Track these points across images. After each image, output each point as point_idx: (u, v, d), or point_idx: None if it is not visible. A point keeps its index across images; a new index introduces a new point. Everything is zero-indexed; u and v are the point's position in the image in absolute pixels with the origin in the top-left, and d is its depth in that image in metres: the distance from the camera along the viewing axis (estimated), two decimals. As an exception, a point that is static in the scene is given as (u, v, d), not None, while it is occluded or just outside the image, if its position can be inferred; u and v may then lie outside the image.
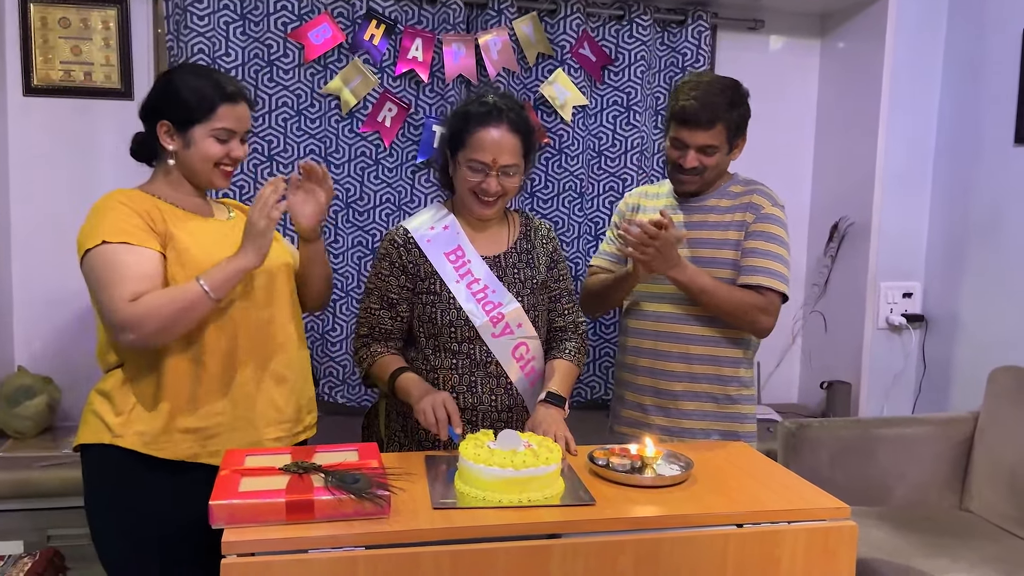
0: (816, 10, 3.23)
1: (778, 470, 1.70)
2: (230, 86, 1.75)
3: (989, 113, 2.87)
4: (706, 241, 2.13)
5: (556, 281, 2.05)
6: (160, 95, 1.73)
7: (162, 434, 1.67)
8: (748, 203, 2.11)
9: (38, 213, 2.70)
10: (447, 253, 1.93)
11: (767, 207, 2.11)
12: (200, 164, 1.73)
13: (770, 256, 2.07)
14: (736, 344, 2.12)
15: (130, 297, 1.56)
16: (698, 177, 2.10)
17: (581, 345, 2.05)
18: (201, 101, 1.70)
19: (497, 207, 1.93)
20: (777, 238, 2.10)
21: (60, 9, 2.65)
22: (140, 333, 1.56)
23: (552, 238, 2.08)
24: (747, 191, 2.15)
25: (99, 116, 2.71)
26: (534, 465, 1.46)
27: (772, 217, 2.11)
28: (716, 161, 2.09)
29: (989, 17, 2.88)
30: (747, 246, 2.09)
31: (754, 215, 2.10)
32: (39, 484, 2.30)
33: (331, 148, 2.82)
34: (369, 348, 1.95)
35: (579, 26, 2.94)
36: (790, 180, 3.36)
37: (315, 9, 2.76)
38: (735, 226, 2.11)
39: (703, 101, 2.02)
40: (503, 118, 1.86)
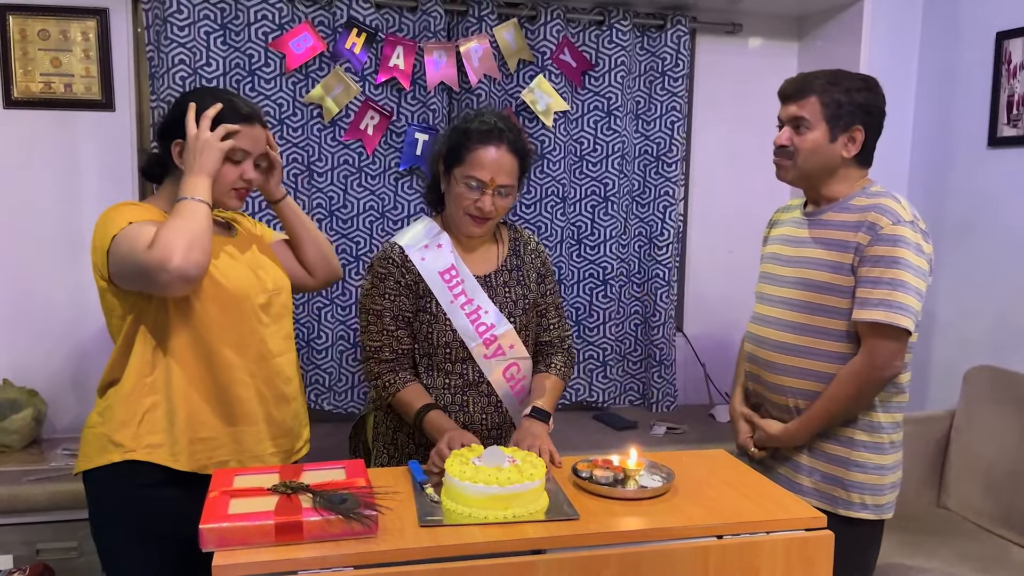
0: (793, 13, 3.27)
1: (757, 479, 1.74)
2: (245, 108, 1.74)
3: (963, 116, 2.91)
4: (821, 263, 1.90)
5: (544, 296, 2.05)
6: (175, 115, 1.72)
7: (174, 444, 1.69)
8: (864, 222, 1.84)
9: (20, 225, 2.69)
10: (441, 272, 1.92)
11: (886, 226, 1.81)
12: (213, 185, 1.71)
13: (890, 285, 1.79)
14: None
15: (149, 245, 1.57)
16: (789, 162, 1.93)
17: (568, 359, 2.06)
18: (215, 122, 1.69)
19: (488, 227, 1.92)
20: (900, 262, 1.79)
21: (39, 21, 2.64)
22: (172, 265, 1.53)
23: (540, 252, 2.08)
24: (869, 206, 1.86)
25: (80, 128, 2.71)
26: (519, 481, 1.49)
27: (892, 238, 1.80)
28: (811, 144, 1.89)
29: (964, 21, 2.92)
30: (862, 274, 1.83)
31: (870, 236, 1.82)
32: (28, 498, 2.31)
33: (314, 156, 2.83)
34: (396, 375, 1.90)
35: (559, 32, 2.96)
36: (769, 182, 3.39)
37: (296, 18, 2.77)
38: (850, 248, 1.85)
39: (801, 76, 1.92)
40: (503, 138, 1.87)
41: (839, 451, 1.92)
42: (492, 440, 1.91)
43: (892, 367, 1.83)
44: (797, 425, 1.93)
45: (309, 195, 2.84)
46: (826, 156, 1.90)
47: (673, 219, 3.15)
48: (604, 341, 3.17)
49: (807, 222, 1.98)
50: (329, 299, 2.89)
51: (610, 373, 3.21)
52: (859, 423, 1.90)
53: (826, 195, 1.95)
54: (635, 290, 3.22)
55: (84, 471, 1.73)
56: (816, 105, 1.88)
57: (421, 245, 1.94)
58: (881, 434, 1.90)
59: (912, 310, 1.79)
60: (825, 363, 1.89)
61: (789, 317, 1.95)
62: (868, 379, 1.84)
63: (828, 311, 1.88)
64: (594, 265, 3.13)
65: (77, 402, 2.75)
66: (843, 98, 1.87)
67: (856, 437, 1.90)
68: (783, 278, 1.99)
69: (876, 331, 1.81)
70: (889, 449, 1.92)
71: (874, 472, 1.90)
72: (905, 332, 1.81)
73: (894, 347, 1.82)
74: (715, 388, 3.38)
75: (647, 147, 3.16)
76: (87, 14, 2.67)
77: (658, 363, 3.20)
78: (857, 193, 1.91)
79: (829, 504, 1.91)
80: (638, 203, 3.18)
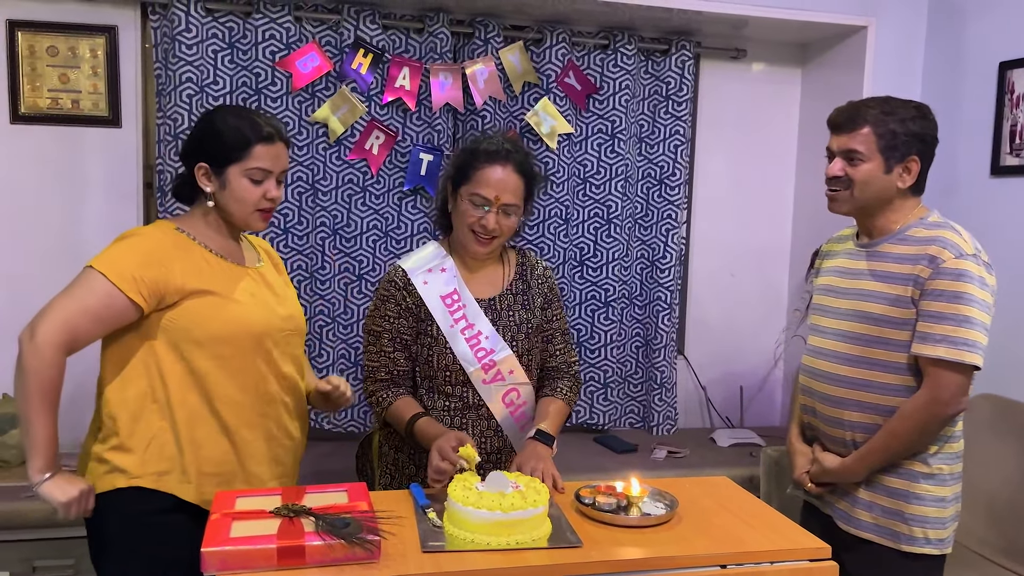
0: (796, 40, 3.29)
1: (762, 508, 1.73)
2: (267, 127, 1.73)
3: (966, 145, 2.93)
4: (878, 295, 1.86)
5: (550, 321, 2.04)
6: (199, 136, 1.73)
7: (184, 473, 1.68)
8: (925, 254, 1.80)
9: (25, 240, 2.70)
10: (443, 296, 1.93)
11: (948, 259, 1.77)
12: (235, 206, 1.72)
13: (952, 320, 1.75)
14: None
15: (57, 336, 1.61)
16: (847, 192, 1.88)
17: (574, 385, 2.05)
18: (236, 141, 1.69)
19: (492, 246, 1.93)
20: (964, 297, 1.75)
21: (48, 37, 2.65)
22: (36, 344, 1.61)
23: (548, 277, 2.06)
24: (929, 238, 1.82)
25: (86, 143, 2.72)
26: (522, 507, 1.48)
27: (955, 272, 1.76)
28: (865, 175, 1.85)
29: (967, 50, 2.94)
30: (923, 308, 1.79)
31: (931, 270, 1.78)
32: (25, 515, 2.30)
33: (319, 175, 2.84)
34: (388, 391, 1.93)
35: (564, 55, 2.98)
36: (773, 207, 3.42)
37: (303, 38, 2.78)
38: (909, 281, 1.81)
39: (851, 106, 1.87)
40: (510, 158, 1.89)
41: (898, 484, 1.88)
42: (491, 465, 1.91)
43: (958, 403, 1.80)
44: (855, 459, 1.90)
45: (313, 214, 2.84)
46: (881, 187, 1.86)
47: (675, 242, 3.16)
48: (605, 363, 3.17)
49: (862, 254, 1.94)
50: (331, 318, 2.89)
51: (611, 395, 3.20)
52: (917, 455, 1.87)
53: (880, 225, 1.92)
54: (637, 313, 3.22)
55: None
56: (870, 136, 1.83)
57: (425, 269, 1.95)
58: (941, 465, 1.88)
59: (979, 345, 1.76)
60: (884, 396, 1.86)
61: (845, 350, 1.92)
62: (933, 414, 1.80)
63: (886, 343, 1.86)
64: (596, 287, 3.14)
65: (76, 417, 2.72)
66: (898, 128, 1.83)
67: (915, 469, 1.87)
68: (838, 310, 1.96)
69: (940, 367, 1.77)
70: (949, 480, 1.89)
71: (934, 505, 1.86)
72: (971, 368, 1.78)
73: (959, 383, 1.78)
74: (716, 412, 3.37)
75: (650, 170, 3.17)
76: (97, 31, 2.68)
77: (659, 386, 3.19)
78: (914, 224, 1.88)
79: (891, 539, 1.88)
80: (641, 226, 3.19)
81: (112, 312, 1.64)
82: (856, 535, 1.91)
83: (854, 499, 1.93)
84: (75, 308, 1.62)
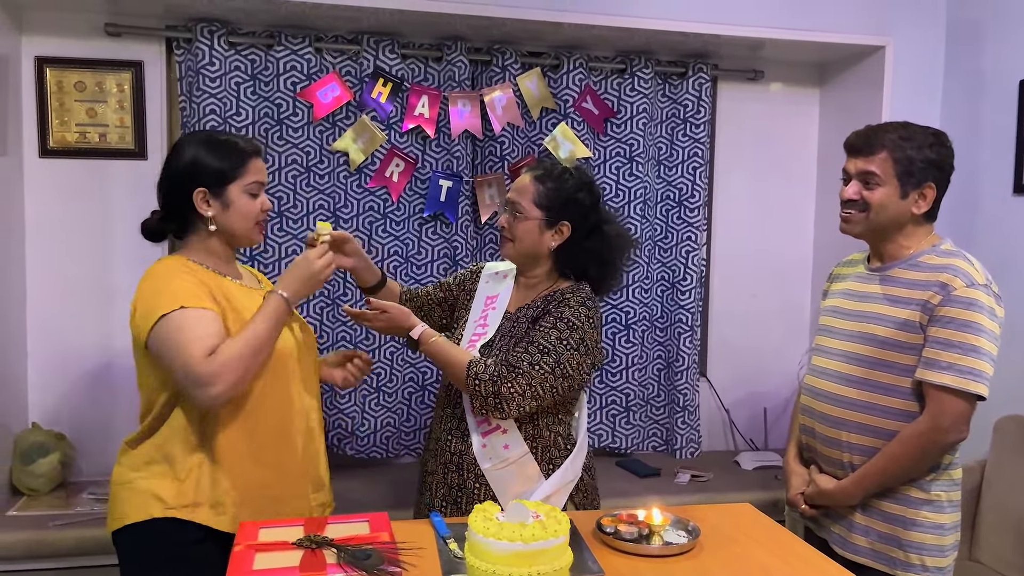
0: (814, 60, 3.29)
1: (786, 536, 1.72)
2: (249, 142, 1.80)
3: (988, 163, 2.90)
4: (887, 319, 1.87)
5: (534, 331, 1.88)
6: (189, 163, 1.73)
7: (218, 504, 1.69)
8: (937, 281, 1.80)
9: (53, 271, 2.75)
10: (488, 297, 2.04)
11: (959, 288, 1.77)
12: (240, 222, 1.76)
13: (960, 348, 1.76)
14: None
15: (207, 352, 1.59)
16: (861, 215, 1.88)
17: (496, 372, 1.82)
18: (233, 159, 1.73)
19: (510, 249, 1.97)
20: (972, 326, 1.76)
21: (76, 73, 2.72)
22: (223, 385, 1.58)
23: (571, 305, 1.90)
24: (941, 265, 1.83)
25: (113, 176, 2.77)
26: (543, 538, 1.47)
27: (965, 300, 1.77)
28: (881, 199, 1.85)
29: (986, 68, 2.92)
30: (931, 334, 1.79)
31: (941, 296, 1.78)
32: (54, 543, 2.32)
33: (340, 203, 2.87)
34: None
35: (582, 80, 3.00)
36: (793, 227, 3.41)
37: (323, 69, 2.83)
38: (918, 305, 1.81)
39: (869, 129, 1.89)
40: (535, 167, 2.00)
41: (895, 509, 1.87)
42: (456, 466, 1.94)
43: (959, 431, 1.79)
44: (851, 482, 1.89)
45: (335, 241, 2.88)
46: (896, 212, 1.86)
47: (696, 264, 3.16)
48: (627, 387, 3.16)
49: (873, 277, 1.95)
50: (352, 343, 2.91)
51: (633, 419, 3.19)
52: (915, 481, 1.86)
53: (892, 250, 1.92)
54: (658, 335, 3.21)
55: (115, 529, 1.72)
56: (887, 161, 1.84)
57: (495, 272, 2.12)
58: (939, 491, 1.86)
59: (985, 376, 1.76)
60: (884, 419, 1.86)
61: (848, 371, 1.92)
62: (933, 441, 1.80)
63: (891, 367, 1.85)
64: (617, 310, 3.14)
65: (104, 446, 2.77)
66: (915, 154, 1.83)
67: (913, 495, 1.86)
68: (844, 331, 1.97)
69: (944, 394, 1.77)
70: (947, 508, 1.88)
71: (932, 531, 1.85)
72: (975, 397, 1.78)
73: (962, 411, 1.78)
74: (740, 434, 3.35)
75: (669, 192, 3.17)
76: (123, 66, 2.74)
77: (681, 409, 3.18)
78: (927, 250, 1.88)
79: (887, 565, 1.86)
80: (661, 248, 3.19)
81: (218, 325, 1.66)
82: (852, 560, 1.90)
83: (850, 523, 1.92)
84: (198, 346, 1.60)
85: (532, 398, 1.83)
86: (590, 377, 2.02)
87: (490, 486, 1.91)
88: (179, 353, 1.59)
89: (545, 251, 1.95)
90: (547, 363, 1.83)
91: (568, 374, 1.86)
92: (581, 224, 1.94)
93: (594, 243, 1.96)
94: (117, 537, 1.73)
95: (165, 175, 1.78)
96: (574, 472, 1.95)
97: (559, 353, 1.84)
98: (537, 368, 1.82)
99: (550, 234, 1.94)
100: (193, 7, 2.63)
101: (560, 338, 1.86)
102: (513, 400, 1.81)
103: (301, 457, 1.80)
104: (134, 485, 1.71)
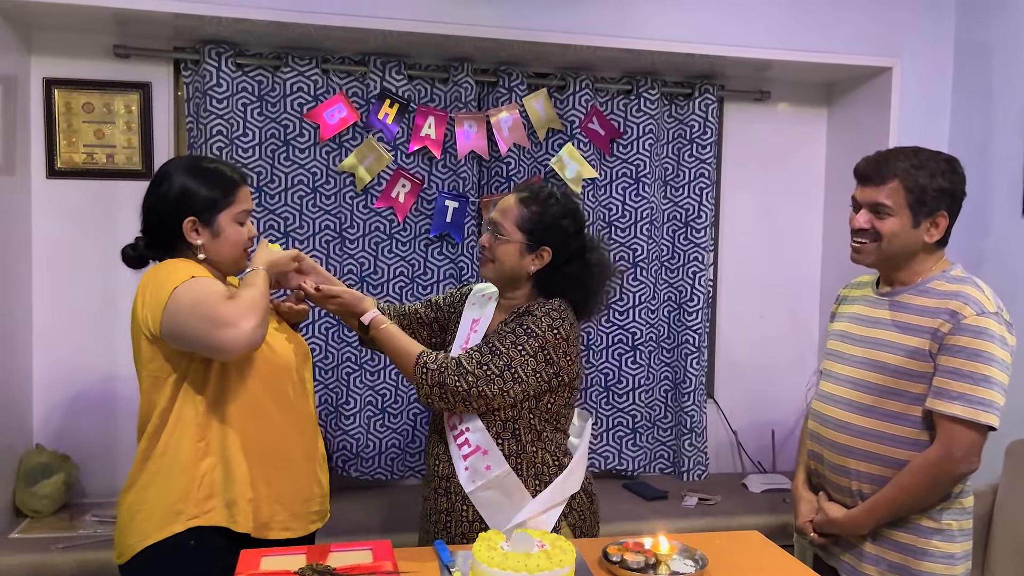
0: (821, 80, 3.29)
1: (795, 566, 1.69)
2: (236, 170, 1.81)
3: (996, 185, 2.89)
4: (896, 346, 1.83)
5: (491, 336, 1.90)
6: (178, 194, 1.71)
7: (233, 505, 1.69)
8: (946, 308, 1.77)
9: (59, 291, 2.75)
10: (473, 320, 2.03)
11: (969, 316, 1.74)
12: (229, 250, 1.75)
13: (971, 379, 1.73)
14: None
15: (226, 297, 1.61)
16: (873, 245, 1.85)
17: (444, 363, 1.84)
18: (223, 187, 1.73)
19: (489, 269, 1.96)
20: (982, 355, 1.73)
21: (84, 95, 2.73)
22: (252, 319, 1.57)
23: (535, 315, 1.88)
24: (952, 292, 1.80)
25: (120, 197, 2.77)
26: (548, 568, 1.45)
27: (975, 329, 1.74)
28: (893, 229, 1.81)
29: (994, 87, 2.91)
30: (941, 363, 1.76)
31: (951, 324, 1.75)
32: (57, 567, 2.31)
33: (346, 224, 2.87)
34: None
35: (588, 101, 3.00)
36: (801, 247, 3.39)
37: (330, 90, 2.83)
38: (928, 333, 1.78)
39: (879, 156, 1.85)
40: (523, 190, 1.98)
41: (905, 538, 1.84)
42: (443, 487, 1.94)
43: (970, 462, 1.77)
44: (861, 511, 1.86)
45: (341, 261, 2.87)
46: (908, 241, 1.83)
47: (703, 284, 3.14)
48: (634, 408, 3.14)
49: (882, 302, 1.92)
50: (358, 364, 2.90)
51: (640, 441, 3.17)
52: (925, 510, 1.83)
53: (902, 277, 1.89)
54: (665, 356, 3.19)
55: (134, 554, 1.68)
56: (899, 191, 1.80)
57: (482, 294, 2.10)
58: (950, 521, 1.84)
59: (996, 406, 1.74)
60: (892, 447, 1.83)
61: (857, 398, 1.90)
62: (945, 471, 1.77)
63: (901, 395, 1.83)
64: (623, 331, 3.12)
65: (109, 467, 2.76)
66: (928, 183, 1.80)
67: (924, 524, 1.83)
68: (852, 357, 1.94)
69: (955, 424, 1.75)
70: (959, 537, 1.85)
71: (943, 561, 1.82)
72: (986, 428, 1.75)
73: (973, 441, 1.76)
74: (748, 456, 3.32)
75: (676, 213, 3.16)
76: (131, 88, 2.76)
77: (689, 431, 3.15)
78: (936, 276, 1.85)
79: None
80: (667, 268, 3.18)
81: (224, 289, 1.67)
82: None
83: (860, 552, 1.90)
84: (216, 296, 1.61)
85: (479, 397, 1.82)
86: (563, 390, 1.93)
87: (477, 510, 1.88)
88: (200, 308, 1.58)
89: (524, 274, 1.94)
90: (496, 364, 1.83)
91: (520, 378, 1.83)
92: (562, 250, 1.93)
93: (574, 269, 1.94)
94: (131, 564, 1.69)
95: (153, 203, 1.75)
96: (564, 492, 1.92)
97: (511, 357, 1.84)
98: (484, 368, 1.83)
99: (530, 258, 1.92)
100: (201, 29, 2.65)
101: (515, 343, 1.85)
102: (457, 394, 1.82)
103: (304, 459, 1.82)
104: (152, 504, 1.67)
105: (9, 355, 2.58)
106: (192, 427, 1.69)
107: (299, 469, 1.80)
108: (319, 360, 2.85)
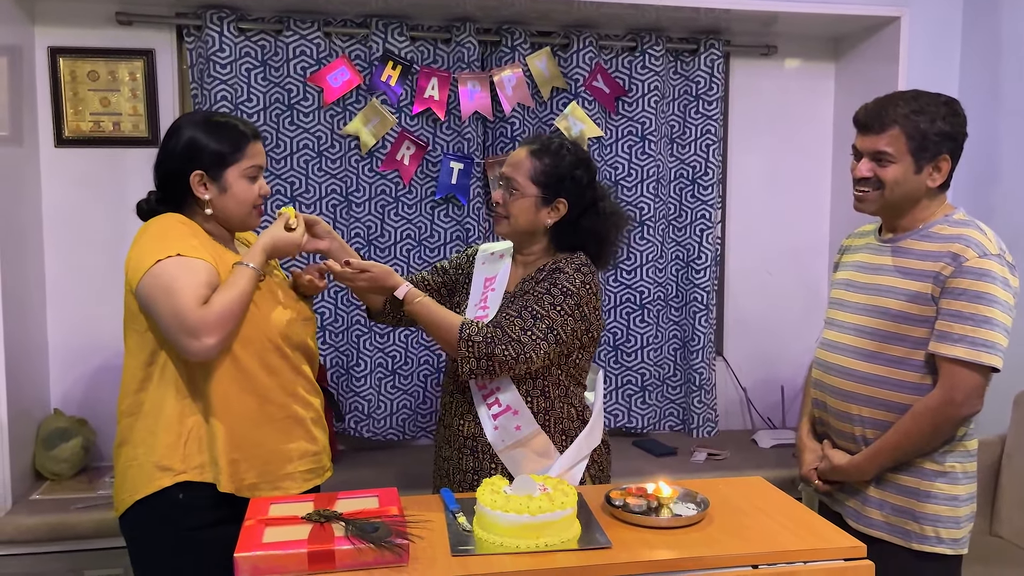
0: (828, 34, 3.24)
1: (796, 507, 1.71)
2: (248, 125, 1.79)
3: (1008, 132, 2.85)
4: (898, 291, 1.84)
5: (527, 296, 1.88)
6: (187, 146, 1.71)
7: (215, 464, 1.69)
8: (948, 252, 1.77)
9: (71, 259, 2.79)
10: (486, 279, 2.01)
11: (972, 258, 1.74)
12: (237, 207, 1.75)
13: (972, 320, 1.73)
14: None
15: (201, 302, 1.59)
16: (876, 193, 1.84)
17: (489, 333, 1.81)
18: (232, 142, 1.72)
19: (504, 226, 1.95)
20: (985, 297, 1.73)
21: (89, 63, 2.74)
22: (217, 335, 1.59)
23: (566, 272, 1.88)
24: (953, 235, 1.79)
25: (128, 164, 2.79)
26: (550, 510, 1.48)
27: (978, 271, 1.73)
28: (895, 176, 1.81)
29: (1004, 35, 2.87)
30: (943, 306, 1.76)
31: (953, 267, 1.75)
32: (75, 526, 2.36)
33: (351, 187, 2.88)
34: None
35: (592, 59, 2.99)
36: (809, 203, 3.37)
37: (333, 53, 2.83)
38: (930, 277, 1.78)
39: (879, 104, 1.83)
40: (533, 143, 1.96)
41: (909, 481, 1.86)
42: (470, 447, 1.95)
43: (971, 404, 1.77)
44: (864, 457, 1.88)
45: (348, 225, 2.89)
46: (911, 187, 1.83)
47: (710, 242, 3.13)
48: (643, 366, 3.15)
49: (884, 248, 1.92)
50: (368, 327, 2.92)
51: (649, 399, 3.18)
52: (928, 453, 1.84)
53: (905, 222, 1.89)
54: (673, 314, 3.20)
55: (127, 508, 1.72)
56: (900, 137, 1.79)
57: (491, 252, 2.08)
58: (953, 463, 1.85)
59: (999, 347, 1.74)
60: (899, 393, 1.84)
61: (861, 344, 1.90)
62: (946, 415, 1.78)
63: (904, 340, 1.83)
64: (631, 290, 3.12)
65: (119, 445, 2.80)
66: (928, 128, 1.78)
67: (927, 467, 1.85)
68: (856, 304, 1.94)
69: (957, 366, 1.75)
70: (962, 479, 1.86)
71: (947, 503, 1.84)
72: (989, 369, 1.75)
73: (976, 383, 1.76)
74: (757, 413, 3.33)
75: (682, 171, 3.15)
76: (135, 55, 2.77)
77: (698, 388, 3.16)
78: (939, 220, 1.85)
79: (901, 538, 1.86)
80: (675, 227, 3.17)
81: (213, 277, 1.66)
82: (867, 533, 1.88)
83: (864, 497, 1.91)
84: (191, 293, 1.59)
85: (524, 362, 1.82)
86: (592, 345, 1.97)
87: (507, 467, 1.91)
88: (172, 300, 1.58)
89: (541, 228, 1.94)
90: (539, 328, 1.83)
91: (561, 340, 1.85)
92: (578, 201, 1.92)
93: (590, 220, 1.94)
94: (125, 519, 1.75)
95: (162, 156, 1.76)
96: (590, 445, 1.95)
97: (551, 319, 1.84)
98: (529, 333, 1.82)
99: (547, 211, 1.92)
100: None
101: (553, 303, 1.85)
102: (506, 364, 1.81)
103: (293, 422, 1.79)
104: (141, 460, 1.71)
105: (25, 323, 2.63)
106: (175, 384, 1.69)
107: (288, 432, 1.78)
108: (329, 323, 2.88)
